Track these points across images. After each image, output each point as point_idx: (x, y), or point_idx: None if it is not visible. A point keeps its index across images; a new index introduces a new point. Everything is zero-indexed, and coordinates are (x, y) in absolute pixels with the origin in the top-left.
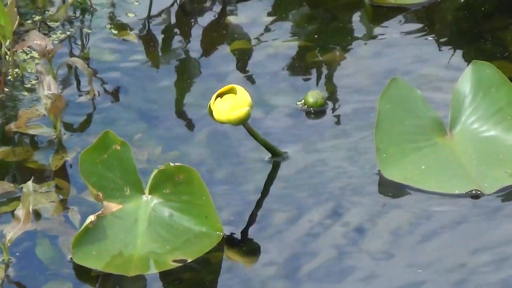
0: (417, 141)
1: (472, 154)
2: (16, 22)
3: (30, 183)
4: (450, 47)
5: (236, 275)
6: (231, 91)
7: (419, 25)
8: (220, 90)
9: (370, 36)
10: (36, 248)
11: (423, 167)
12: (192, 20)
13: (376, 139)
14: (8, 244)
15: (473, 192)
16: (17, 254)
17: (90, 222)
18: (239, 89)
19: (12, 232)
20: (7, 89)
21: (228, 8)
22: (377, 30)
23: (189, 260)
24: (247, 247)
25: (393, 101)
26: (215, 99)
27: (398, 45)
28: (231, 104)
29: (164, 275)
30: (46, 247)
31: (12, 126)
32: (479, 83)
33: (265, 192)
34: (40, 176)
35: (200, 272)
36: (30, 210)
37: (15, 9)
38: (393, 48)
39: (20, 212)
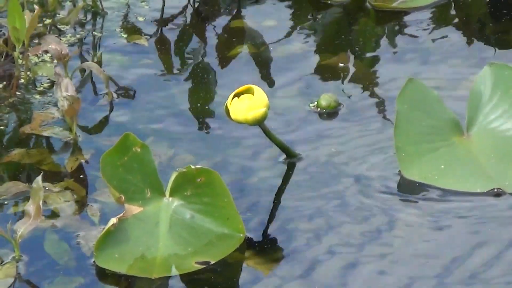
0: (434, 141)
1: (491, 153)
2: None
3: (39, 179)
4: (456, 49)
5: (259, 276)
6: (248, 91)
7: (423, 28)
8: (237, 90)
9: (376, 39)
10: (45, 244)
11: (442, 166)
12: (205, 23)
13: (395, 139)
14: (19, 240)
15: (495, 190)
16: (29, 251)
17: (112, 224)
18: (257, 89)
19: (22, 228)
20: (19, 93)
21: (240, 11)
22: (381, 33)
23: (212, 262)
24: (268, 248)
25: (410, 102)
26: (232, 99)
27: (404, 47)
28: (248, 104)
29: (186, 278)
30: (56, 244)
31: (26, 129)
32: (496, 83)
33: (281, 193)
34: (55, 177)
35: (223, 274)
36: (40, 205)
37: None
38: (400, 50)
39: (30, 207)
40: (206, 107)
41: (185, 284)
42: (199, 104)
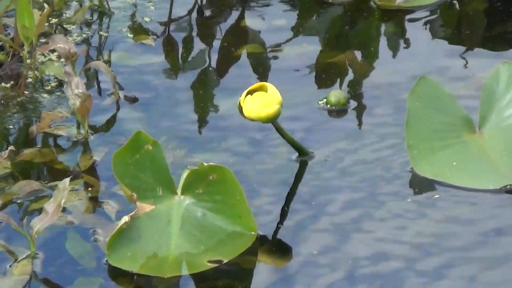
0: (446, 139)
1: (503, 150)
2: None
3: (67, 180)
4: (463, 47)
5: (271, 275)
6: (261, 88)
7: (428, 26)
8: (251, 88)
9: (382, 38)
10: (66, 243)
11: (454, 163)
12: (211, 23)
13: (407, 137)
14: (36, 236)
15: (508, 187)
16: (47, 249)
17: (124, 223)
18: (270, 86)
19: (39, 224)
20: (27, 92)
21: (246, 12)
22: (387, 31)
23: (225, 261)
24: (281, 246)
25: (422, 99)
26: (245, 96)
27: (410, 45)
28: (262, 102)
29: (198, 277)
30: (77, 243)
31: (36, 128)
32: (509, 82)
33: (294, 191)
34: (68, 176)
35: (235, 272)
36: (62, 204)
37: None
38: (405, 48)
39: (50, 206)
40: (215, 106)
41: (198, 282)
42: (207, 103)
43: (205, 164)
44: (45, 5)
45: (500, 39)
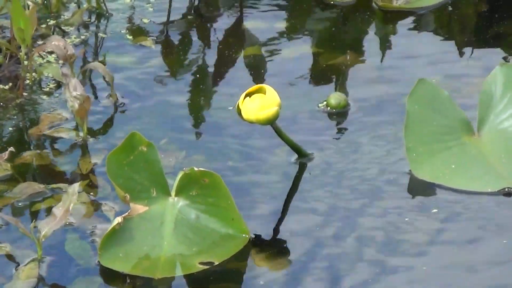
0: (445, 141)
1: (501, 153)
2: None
3: (76, 185)
4: (461, 50)
5: (263, 277)
6: (260, 90)
7: (427, 28)
8: (249, 90)
9: (383, 39)
10: (65, 244)
11: (453, 166)
12: (208, 25)
13: (405, 140)
14: (43, 239)
15: (506, 190)
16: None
17: (117, 223)
18: (268, 88)
19: (47, 228)
20: (25, 93)
21: (245, 14)
22: (388, 33)
23: (216, 263)
24: (274, 249)
25: (421, 102)
26: (244, 98)
27: (410, 47)
28: (260, 104)
29: (189, 278)
30: (76, 244)
31: (35, 130)
32: (507, 84)
33: (292, 193)
34: (69, 178)
35: (226, 274)
36: (70, 209)
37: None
38: (406, 50)
39: (58, 210)
40: (214, 108)
41: (189, 284)
42: (206, 105)
43: (196, 169)
44: (29, 2)
45: (500, 41)
